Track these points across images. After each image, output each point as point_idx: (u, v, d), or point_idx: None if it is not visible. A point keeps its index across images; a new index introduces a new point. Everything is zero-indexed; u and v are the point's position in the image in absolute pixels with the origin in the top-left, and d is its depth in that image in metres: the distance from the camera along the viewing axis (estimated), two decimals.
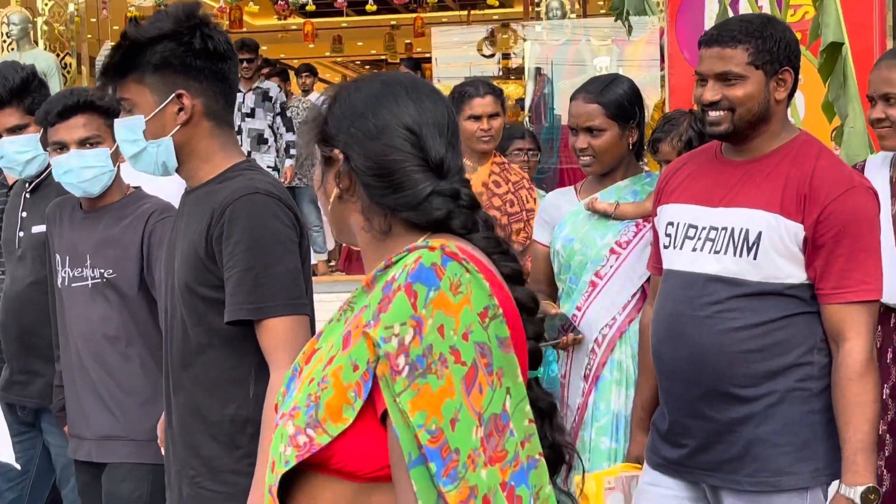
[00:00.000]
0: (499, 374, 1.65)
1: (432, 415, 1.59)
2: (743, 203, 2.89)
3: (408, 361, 1.61)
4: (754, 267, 2.85)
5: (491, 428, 1.62)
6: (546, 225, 3.82)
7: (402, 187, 1.78)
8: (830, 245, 2.80)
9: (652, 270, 3.27)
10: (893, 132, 3.35)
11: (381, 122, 1.80)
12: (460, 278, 1.67)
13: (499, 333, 1.68)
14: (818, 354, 2.85)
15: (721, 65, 2.86)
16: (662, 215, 3.08)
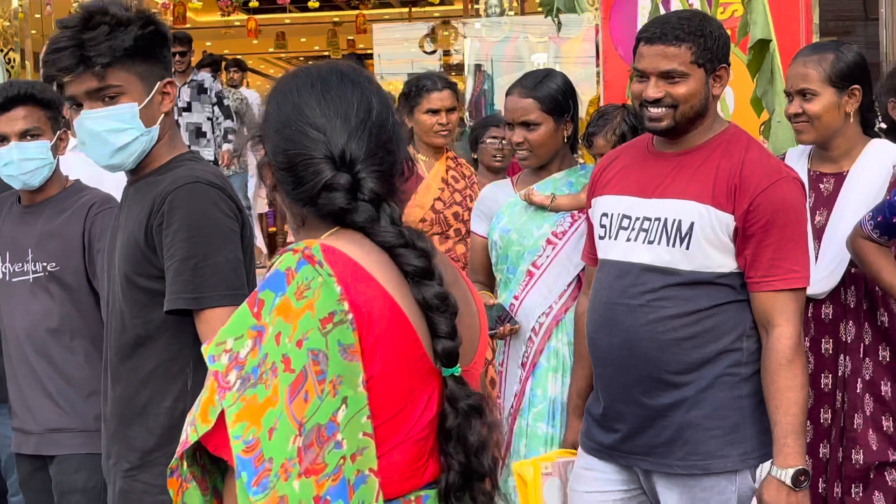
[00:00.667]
0: (334, 383, 1.60)
1: (252, 425, 1.55)
2: (675, 194, 2.93)
3: (240, 375, 1.58)
4: (687, 257, 2.89)
5: (312, 438, 1.57)
6: (483, 216, 3.85)
7: (302, 180, 1.77)
8: (760, 235, 2.85)
9: (586, 260, 3.30)
10: (810, 126, 3.40)
11: (285, 115, 1.80)
12: (309, 283, 1.63)
13: (342, 340, 1.62)
14: (747, 341, 2.91)
15: (665, 63, 2.89)
16: (597, 207, 3.11)
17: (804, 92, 3.39)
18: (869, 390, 3.32)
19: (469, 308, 1.88)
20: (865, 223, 3.19)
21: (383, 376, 1.67)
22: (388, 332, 1.68)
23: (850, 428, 3.32)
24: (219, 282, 2.52)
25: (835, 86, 3.38)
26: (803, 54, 3.49)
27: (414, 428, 1.72)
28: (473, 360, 1.87)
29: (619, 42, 5.75)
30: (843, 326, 3.36)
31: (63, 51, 2.55)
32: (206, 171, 2.67)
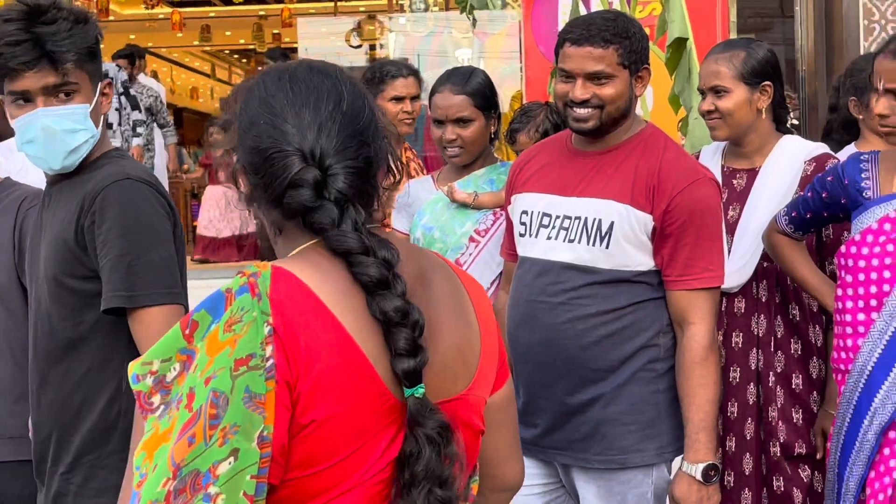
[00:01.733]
0: (225, 431, 1.46)
1: (148, 458, 1.48)
2: (595, 193, 2.96)
3: (164, 400, 1.52)
4: (606, 255, 2.92)
5: (186, 484, 1.44)
6: (405, 213, 3.87)
7: (273, 179, 1.62)
8: (677, 234, 2.90)
9: (506, 257, 3.32)
10: (723, 123, 3.45)
11: (252, 112, 1.67)
12: (242, 315, 1.51)
13: (251, 386, 1.48)
14: (664, 337, 2.97)
15: (593, 64, 2.91)
16: (517, 204, 3.13)
17: (717, 89, 3.43)
18: (781, 383, 3.39)
19: (465, 327, 1.74)
20: (781, 218, 3.25)
21: (329, 420, 1.53)
22: (336, 372, 1.53)
23: (766, 421, 3.38)
24: (153, 280, 2.49)
25: (747, 83, 3.42)
26: (715, 52, 3.53)
27: (372, 469, 1.57)
28: (469, 385, 1.71)
29: (541, 39, 5.79)
30: (755, 320, 3.42)
31: (21, 44, 2.49)
32: (137, 167, 2.64)
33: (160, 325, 2.42)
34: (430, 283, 1.69)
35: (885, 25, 6.67)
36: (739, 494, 3.40)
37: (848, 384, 2.95)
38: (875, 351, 2.87)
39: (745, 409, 3.40)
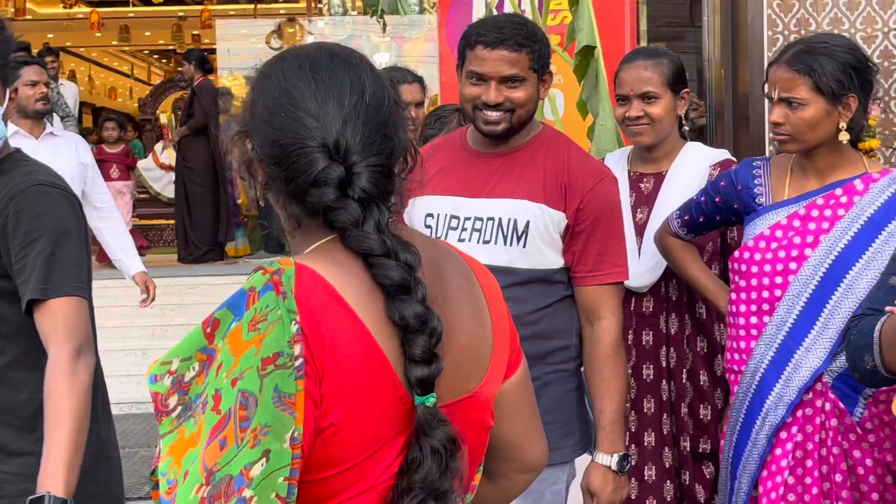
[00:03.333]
0: (256, 432, 1.41)
1: (175, 463, 1.43)
2: (507, 193, 2.96)
3: (182, 401, 1.46)
4: (523, 255, 2.92)
5: (220, 490, 1.39)
6: None
7: (296, 174, 1.56)
8: (589, 231, 2.93)
9: None
10: (651, 129, 3.47)
11: (272, 102, 1.59)
12: (267, 314, 1.45)
13: (280, 386, 1.43)
14: (575, 337, 3.01)
15: (507, 68, 2.89)
16: (418, 207, 3.07)
17: (648, 95, 3.46)
18: (690, 380, 3.47)
19: (479, 325, 1.70)
20: (673, 220, 3.31)
21: (348, 422, 1.48)
22: (358, 373, 1.49)
23: (679, 416, 3.47)
24: (66, 275, 2.58)
25: (672, 89, 3.50)
26: (639, 58, 3.57)
27: (384, 473, 1.52)
28: (481, 383, 1.67)
29: (455, 44, 5.85)
30: (665, 319, 3.49)
31: None
32: (45, 171, 2.73)
33: (69, 315, 2.54)
34: (444, 278, 1.65)
35: (789, 36, 6.88)
36: (661, 487, 3.47)
37: (741, 385, 3.02)
38: (767, 354, 2.95)
39: (661, 405, 3.47)
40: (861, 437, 2.84)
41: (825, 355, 2.86)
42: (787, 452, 2.92)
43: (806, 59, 2.87)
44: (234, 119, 1.67)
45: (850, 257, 2.86)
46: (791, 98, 2.88)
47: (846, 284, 2.84)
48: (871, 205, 2.88)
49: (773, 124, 2.93)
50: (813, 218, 2.94)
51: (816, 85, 2.85)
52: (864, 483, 2.84)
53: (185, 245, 10.72)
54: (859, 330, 2.40)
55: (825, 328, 2.87)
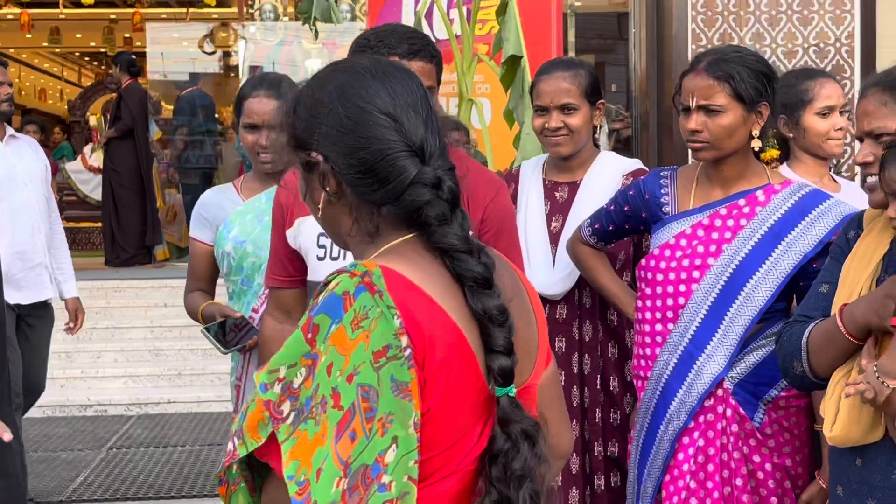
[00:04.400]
0: (383, 422, 1.50)
1: (303, 465, 1.49)
2: None
3: (294, 406, 1.51)
4: None
5: (358, 480, 1.48)
6: (207, 223, 3.72)
7: (387, 179, 1.64)
8: (492, 242, 2.87)
9: (276, 283, 3.02)
10: (570, 140, 3.51)
11: (353, 112, 1.66)
12: (367, 312, 1.53)
13: (395, 376, 1.52)
14: None
15: (425, 80, 2.74)
16: (306, 228, 2.90)
17: (568, 106, 3.50)
18: (603, 386, 3.52)
19: (528, 320, 1.78)
20: (584, 229, 3.34)
21: (440, 409, 1.57)
22: (449, 361, 1.58)
23: (593, 422, 3.51)
24: None
25: (589, 100, 3.54)
26: (558, 69, 3.59)
27: (466, 459, 1.62)
28: (531, 375, 1.76)
29: None
30: (578, 326, 3.52)
31: None
32: None
33: None
34: (501, 277, 1.70)
35: None
36: (567, 493, 3.50)
37: (646, 391, 3.06)
38: (670, 361, 2.99)
39: (571, 411, 3.47)
40: (761, 441, 2.91)
41: (725, 362, 2.92)
42: (689, 457, 2.97)
43: (723, 67, 2.92)
44: (282, 132, 1.75)
45: (750, 266, 2.92)
46: (710, 105, 2.92)
47: (746, 292, 2.91)
48: (772, 215, 2.95)
49: (691, 132, 2.95)
50: (716, 227, 2.99)
51: (735, 92, 2.90)
52: (763, 487, 2.91)
53: (113, 248, 10.63)
54: (789, 336, 2.45)
55: (726, 335, 2.92)
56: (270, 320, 3.04)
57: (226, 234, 3.61)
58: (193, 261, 3.79)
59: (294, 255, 2.97)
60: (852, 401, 2.26)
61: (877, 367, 2.13)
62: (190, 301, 3.76)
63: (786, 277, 2.89)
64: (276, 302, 3.04)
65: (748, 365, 2.92)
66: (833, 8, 7.00)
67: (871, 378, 2.14)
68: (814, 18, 7.01)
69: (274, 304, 3.05)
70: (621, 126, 9.31)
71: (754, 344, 2.93)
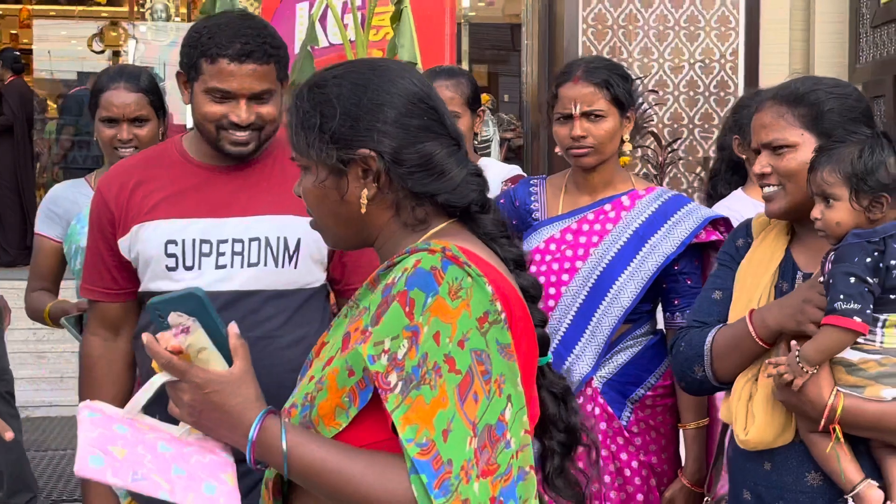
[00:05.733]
0: (498, 382, 1.58)
1: (423, 427, 1.52)
2: (267, 209, 2.66)
3: (401, 377, 1.53)
4: (295, 275, 2.68)
5: (485, 439, 1.55)
6: (57, 218, 3.63)
7: (444, 172, 1.70)
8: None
9: (98, 296, 2.75)
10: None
11: (401, 108, 1.70)
12: (460, 282, 1.59)
13: (500, 339, 1.60)
14: None
15: (258, 84, 2.57)
16: (148, 235, 2.64)
17: (452, 114, 3.59)
18: None
19: None
20: None
21: (523, 371, 1.65)
22: (522, 329, 1.67)
23: None
24: None
25: (471, 108, 3.61)
26: (439, 78, 3.65)
27: (531, 424, 1.70)
28: None
29: None
30: None
31: None
32: None
33: None
34: None
35: None
36: None
37: None
38: None
39: None
40: (628, 440, 2.99)
41: (594, 362, 2.99)
42: None
43: (601, 74, 3.00)
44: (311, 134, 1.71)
45: (616, 268, 3.00)
46: (593, 111, 2.99)
47: (612, 294, 2.99)
48: (637, 219, 3.04)
49: (575, 139, 3.00)
50: (584, 232, 3.07)
51: (614, 97, 2.99)
52: (630, 484, 2.99)
53: None
54: (688, 342, 2.48)
55: (594, 336, 2.99)
56: (96, 340, 2.78)
57: (79, 228, 3.48)
58: (38, 258, 3.67)
59: (124, 265, 2.71)
60: (766, 403, 2.31)
61: (798, 352, 2.18)
62: (34, 300, 3.65)
63: (650, 279, 2.98)
64: (101, 318, 2.77)
65: (616, 365, 3.00)
66: (719, 25, 7.18)
67: (791, 362, 2.19)
68: (700, 35, 7.18)
69: (98, 321, 2.78)
70: (513, 135, 9.43)
71: (622, 344, 3.01)
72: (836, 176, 2.22)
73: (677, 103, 7.25)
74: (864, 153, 2.22)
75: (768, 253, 2.46)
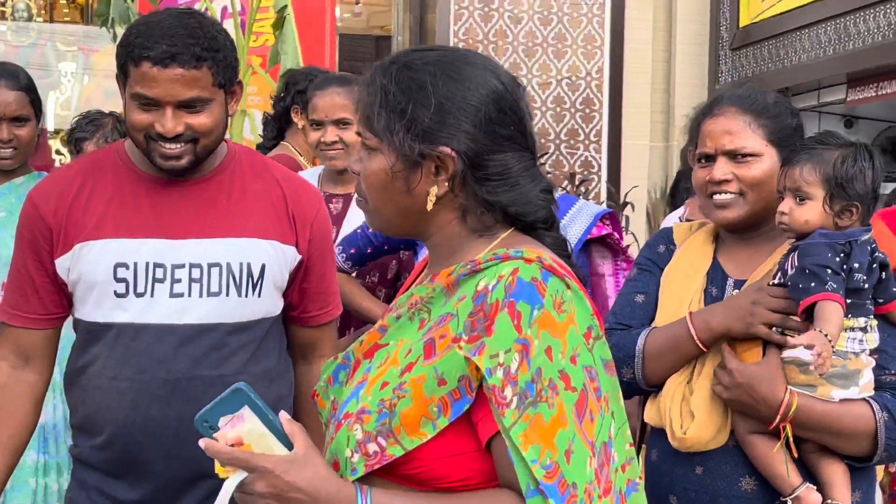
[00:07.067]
0: (606, 399, 1.54)
1: (546, 447, 1.46)
2: (227, 232, 2.43)
3: (516, 391, 1.46)
4: (257, 305, 2.46)
5: (602, 458, 1.51)
6: None
7: (517, 185, 1.61)
8: (318, 265, 2.56)
9: (22, 321, 2.48)
10: (345, 153, 3.54)
11: (493, 113, 1.60)
12: (562, 295, 1.53)
13: (602, 355, 1.57)
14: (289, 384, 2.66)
15: (185, 91, 2.30)
16: (94, 255, 2.39)
17: (343, 121, 3.55)
18: None
19: None
20: (338, 257, 3.24)
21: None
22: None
23: None
24: None
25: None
26: (332, 85, 3.65)
27: None
28: None
29: None
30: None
31: None
32: None
33: None
34: None
35: None
36: None
37: None
38: None
39: None
40: None
41: None
42: None
43: None
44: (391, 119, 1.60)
45: None
46: None
47: None
48: None
49: None
50: None
51: None
52: None
53: None
54: (615, 344, 2.42)
55: None
56: (3, 366, 2.49)
57: None
58: None
59: (57, 288, 2.44)
60: (705, 403, 2.29)
61: (825, 332, 2.12)
62: None
63: None
64: (15, 343, 2.48)
65: None
66: (585, 43, 7.39)
67: (822, 341, 2.10)
68: (567, 52, 7.37)
69: (10, 346, 2.49)
70: None
71: None
72: (815, 176, 2.23)
73: (545, 118, 7.42)
74: (848, 160, 2.23)
75: (695, 259, 2.47)
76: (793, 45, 6.13)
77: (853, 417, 2.21)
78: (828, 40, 5.79)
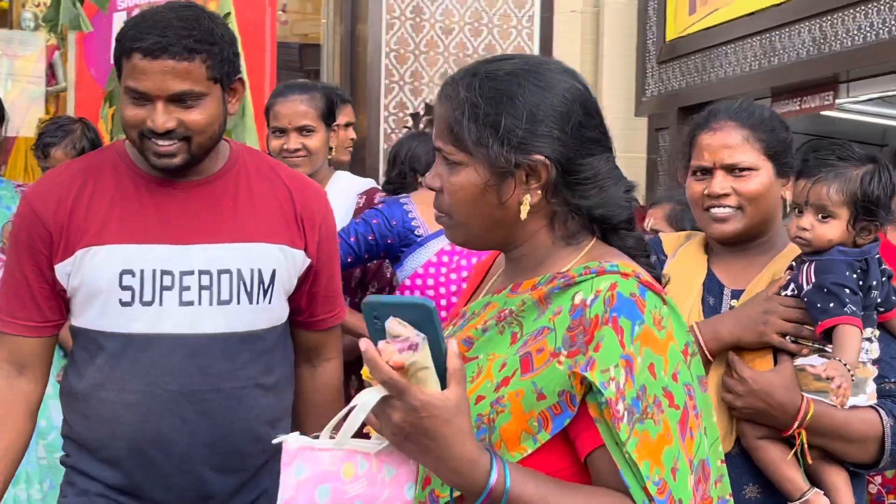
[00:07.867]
0: (701, 416, 1.55)
1: (654, 464, 1.46)
2: (237, 237, 2.36)
3: (626, 407, 1.46)
4: (267, 312, 2.40)
5: (699, 475, 1.52)
6: None
7: (604, 187, 1.61)
8: (326, 268, 2.52)
9: (19, 329, 2.38)
10: (308, 161, 3.59)
11: (581, 117, 1.60)
12: (660, 311, 1.53)
13: (698, 372, 1.58)
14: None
15: (176, 83, 2.22)
16: (99, 262, 2.31)
17: (305, 128, 3.60)
18: None
19: None
20: None
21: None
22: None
23: None
24: None
25: (326, 122, 3.66)
26: (294, 92, 3.68)
27: None
28: None
29: (93, 63, 5.77)
30: None
31: None
32: None
33: None
34: None
35: (403, 86, 7.37)
36: None
37: None
38: None
39: None
40: None
41: None
42: None
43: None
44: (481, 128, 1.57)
45: None
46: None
47: None
48: None
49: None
50: None
51: None
52: None
53: None
54: None
55: None
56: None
57: None
58: None
59: (55, 294, 2.37)
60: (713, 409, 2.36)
61: (844, 360, 2.16)
62: None
63: None
64: (10, 352, 2.40)
65: None
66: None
67: (840, 369, 2.13)
68: None
69: (5, 355, 2.40)
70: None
71: None
72: (842, 196, 2.24)
73: None
74: (874, 180, 2.24)
75: (690, 270, 2.47)
76: (719, 60, 6.31)
77: (863, 423, 2.26)
78: (753, 55, 5.97)
